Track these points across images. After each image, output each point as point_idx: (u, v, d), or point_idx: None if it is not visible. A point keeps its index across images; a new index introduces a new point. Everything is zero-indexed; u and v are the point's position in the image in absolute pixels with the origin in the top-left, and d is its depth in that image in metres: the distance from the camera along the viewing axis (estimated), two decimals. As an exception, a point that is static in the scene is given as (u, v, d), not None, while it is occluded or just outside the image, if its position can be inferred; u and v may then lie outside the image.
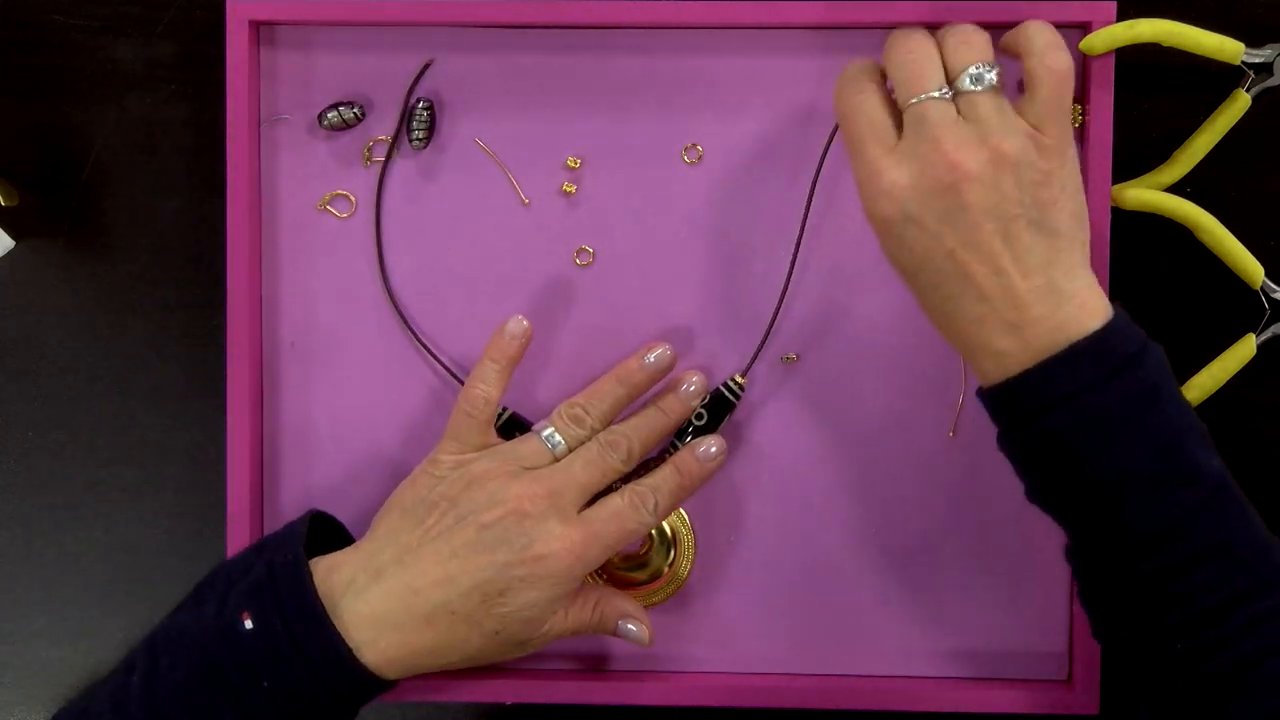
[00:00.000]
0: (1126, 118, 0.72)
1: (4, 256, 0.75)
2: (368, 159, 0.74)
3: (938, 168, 0.59)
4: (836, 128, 0.71)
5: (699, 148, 0.73)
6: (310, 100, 0.74)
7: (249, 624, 0.62)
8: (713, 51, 0.73)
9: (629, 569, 0.74)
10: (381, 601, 0.64)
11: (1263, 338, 0.73)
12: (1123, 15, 0.70)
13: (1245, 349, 0.73)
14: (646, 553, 0.74)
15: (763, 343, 0.73)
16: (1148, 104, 0.74)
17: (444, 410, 0.73)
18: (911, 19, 0.70)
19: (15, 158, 0.76)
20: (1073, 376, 0.59)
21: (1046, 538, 0.73)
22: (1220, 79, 0.73)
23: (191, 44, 0.76)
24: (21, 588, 0.77)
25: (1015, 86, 0.66)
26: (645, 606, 0.73)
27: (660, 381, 0.71)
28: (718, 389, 0.72)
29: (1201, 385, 0.72)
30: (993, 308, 0.60)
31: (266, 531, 0.74)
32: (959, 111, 0.61)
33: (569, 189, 0.73)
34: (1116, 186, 0.72)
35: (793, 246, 0.73)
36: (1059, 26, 0.71)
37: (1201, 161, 0.72)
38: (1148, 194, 0.72)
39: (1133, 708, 0.63)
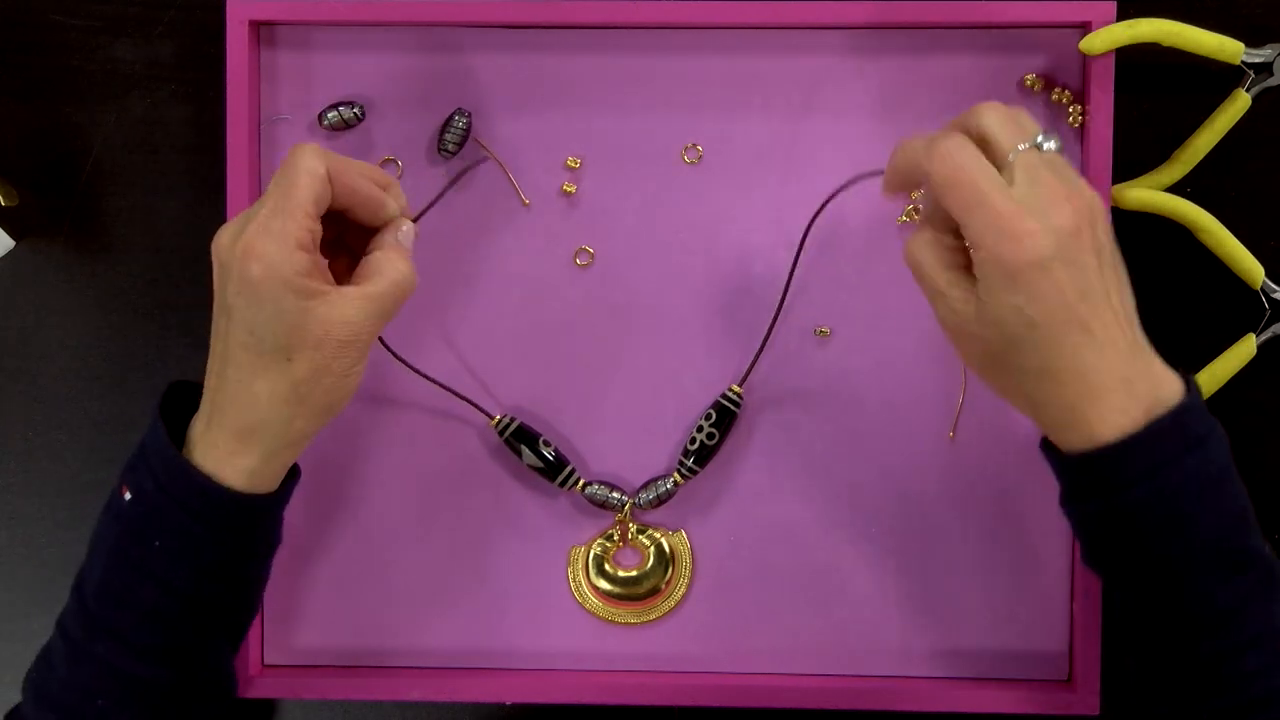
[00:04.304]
0: (1126, 118, 0.72)
1: (4, 256, 0.75)
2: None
3: (1064, 211, 0.57)
4: (836, 195, 0.71)
5: (699, 148, 0.73)
6: (310, 100, 0.74)
7: (128, 496, 0.63)
8: (713, 51, 0.73)
9: (626, 587, 0.74)
10: (213, 428, 0.63)
11: (1263, 338, 0.73)
12: (1123, 15, 0.70)
13: (1245, 349, 0.73)
14: (644, 571, 0.74)
15: (758, 353, 0.73)
16: (1148, 104, 0.74)
17: (441, 408, 0.73)
18: (910, 19, 0.70)
19: (15, 158, 0.76)
20: (1168, 444, 0.58)
21: (1047, 538, 0.73)
22: (1220, 79, 0.73)
23: (191, 44, 0.76)
24: (21, 588, 0.77)
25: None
26: (642, 624, 0.74)
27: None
28: (719, 401, 0.72)
29: (1201, 385, 0.72)
30: (1109, 358, 0.58)
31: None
32: None
33: (569, 189, 0.73)
34: (1116, 186, 0.72)
35: (793, 247, 0.73)
36: (1059, 27, 0.72)
37: (1201, 161, 0.72)
38: (1148, 194, 0.72)
39: None
